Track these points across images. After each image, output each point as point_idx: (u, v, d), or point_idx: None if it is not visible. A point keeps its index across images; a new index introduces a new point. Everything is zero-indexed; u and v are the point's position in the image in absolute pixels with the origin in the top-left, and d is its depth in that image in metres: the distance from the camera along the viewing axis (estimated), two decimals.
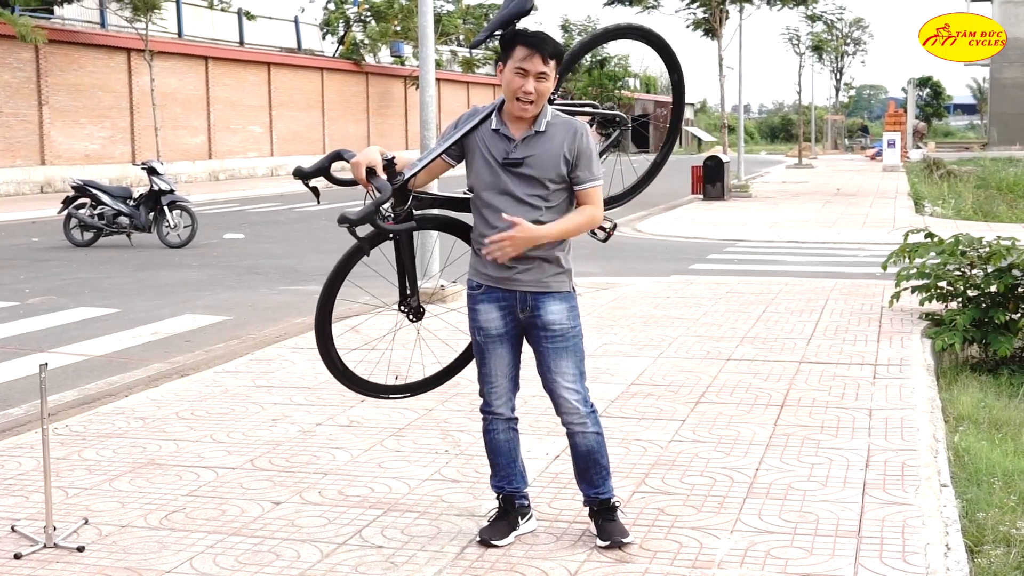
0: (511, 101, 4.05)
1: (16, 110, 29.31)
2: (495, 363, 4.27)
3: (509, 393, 4.33)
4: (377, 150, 4.10)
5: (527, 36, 4.04)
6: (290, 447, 5.70)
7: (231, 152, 37.99)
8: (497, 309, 4.20)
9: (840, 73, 75.86)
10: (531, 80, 4.00)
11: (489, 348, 4.26)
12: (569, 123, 4.13)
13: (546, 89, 4.04)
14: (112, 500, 4.90)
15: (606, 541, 4.24)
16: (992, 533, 4.55)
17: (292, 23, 44.55)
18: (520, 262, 4.10)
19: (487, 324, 4.23)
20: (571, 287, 4.23)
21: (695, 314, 9.54)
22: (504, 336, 4.24)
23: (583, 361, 4.26)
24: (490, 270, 4.18)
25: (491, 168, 4.11)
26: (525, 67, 3.99)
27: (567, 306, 4.18)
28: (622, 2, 31.26)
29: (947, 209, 22.37)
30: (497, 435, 4.36)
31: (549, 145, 4.07)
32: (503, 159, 4.09)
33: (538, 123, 4.09)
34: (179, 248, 16.39)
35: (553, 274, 4.15)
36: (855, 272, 13.08)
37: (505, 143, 4.10)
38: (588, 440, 4.27)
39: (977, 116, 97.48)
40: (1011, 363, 7.99)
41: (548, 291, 4.15)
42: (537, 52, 3.99)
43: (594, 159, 4.14)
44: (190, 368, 7.78)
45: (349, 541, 4.36)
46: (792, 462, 5.30)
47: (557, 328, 4.16)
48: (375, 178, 4.02)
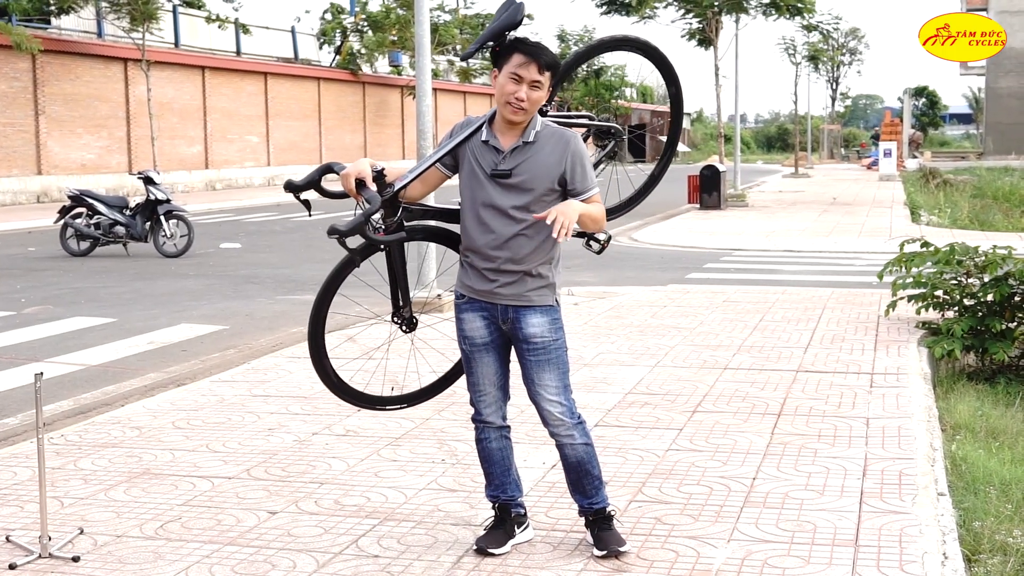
0: (502, 106, 4.04)
1: (12, 120, 29.31)
2: (481, 372, 4.27)
3: (499, 402, 4.32)
4: (367, 162, 4.11)
5: (525, 44, 4.05)
6: (286, 456, 5.68)
7: (228, 162, 38.00)
8: (480, 319, 4.21)
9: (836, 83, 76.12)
10: (524, 87, 4.00)
11: (475, 357, 4.26)
12: (560, 133, 4.12)
13: (538, 99, 4.04)
14: (107, 510, 4.89)
15: (602, 551, 4.24)
16: (989, 542, 4.54)
17: (289, 33, 44.61)
18: (502, 276, 4.10)
19: (472, 333, 4.23)
20: (554, 300, 4.20)
21: (692, 323, 9.54)
22: (489, 345, 4.23)
23: (567, 373, 4.24)
24: (473, 283, 4.19)
25: (479, 180, 4.11)
26: (520, 73, 4.00)
27: (548, 319, 4.16)
28: (618, 12, 31.30)
29: (943, 218, 22.41)
30: (489, 443, 4.35)
31: (539, 156, 4.06)
32: (491, 171, 4.08)
33: (527, 134, 4.08)
34: (175, 258, 16.38)
35: (535, 288, 4.14)
36: (852, 281, 13.10)
37: (494, 154, 4.10)
38: (577, 451, 4.26)
39: (973, 126, 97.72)
40: (1008, 372, 8.00)
41: (529, 304, 4.14)
42: (534, 60, 4.00)
43: (588, 167, 4.13)
44: (186, 378, 7.76)
45: (345, 551, 4.35)
46: (789, 471, 5.29)
47: (538, 341, 4.15)
48: (364, 189, 4.03)
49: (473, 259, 4.16)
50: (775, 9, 31.17)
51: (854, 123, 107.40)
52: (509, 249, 4.08)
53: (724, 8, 31.18)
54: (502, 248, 4.08)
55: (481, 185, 4.10)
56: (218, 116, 37.40)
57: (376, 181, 4.09)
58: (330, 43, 47.74)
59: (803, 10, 31.89)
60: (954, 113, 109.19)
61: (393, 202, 4.17)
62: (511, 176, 4.05)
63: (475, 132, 4.16)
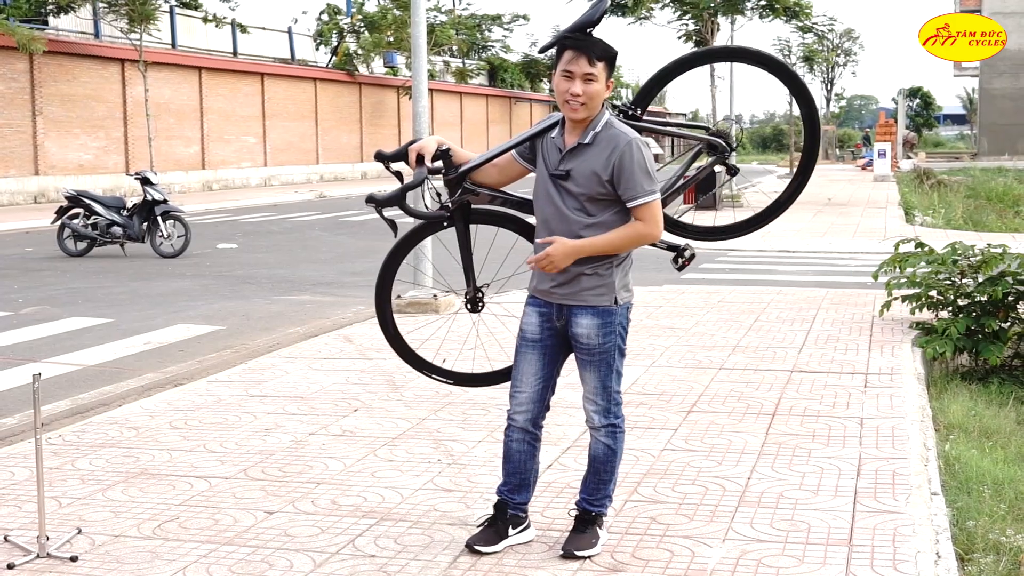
0: (562, 105, 4.06)
1: (10, 120, 29.29)
2: (524, 367, 4.30)
3: (531, 404, 4.31)
4: (435, 140, 4.24)
5: (573, 39, 4.03)
6: (283, 456, 5.70)
7: (225, 162, 37.98)
8: (537, 315, 4.26)
9: (831, 84, 76.17)
10: (578, 82, 3.98)
11: (522, 351, 4.31)
12: (615, 136, 4.05)
13: (596, 91, 4.00)
14: (105, 510, 4.91)
15: (563, 549, 4.25)
16: (982, 541, 4.57)
17: (286, 34, 44.60)
18: (560, 274, 4.13)
19: (526, 327, 4.29)
20: (612, 301, 4.15)
21: (687, 323, 9.57)
22: (537, 343, 4.26)
23: (610, 376, 4.22)
24: (534, 281, 4.26)
25: (544, 177, 4.16)
26: (571, 69, 3.99)
27: (599, 322, 4.14)
28: (614, 13, 31.32)
29: (937, 219, 22.45)
30: (511, 442, 4.37)
31: (590, 160, 4.04)
32: (552, 170, 4.12)
33: (584, 134, 4.07)
34: (172, 258, 16.39)
35: (590, 287, 4.13)
36: (846, 281, 13.13)
37: (557, 153, 4.12)
38: (598, 447, 4.30)
39: (967, 126, 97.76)
40: (1001, 372, 8.03)
41: (583, 304, 4.15)
42: (583, 53, 3.98)
43: (640, 174, 4.01)
44: (183, 378, 7.78)
45: (342, 550, 4.38)
46: (784, 471, 5.32)
47: (584, 343, 4.18)
48: (421, 165, 4.21)
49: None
50: (771, 11, 31.22)
51: (849, 124, 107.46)
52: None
53: (720, 10, 31.23)
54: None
55: (545, 183, 4.15)
56: (215, 117, 37.38)
57: (442, 159, 4.24)
58: (327, 44, 47.75)
59: (799, 13, 31.94)
60: (948, 114, 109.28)
61: (458, 183, 4.31)
62: (568, 177, 4.08)
63: (550, 128, 4.20)
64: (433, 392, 6.99)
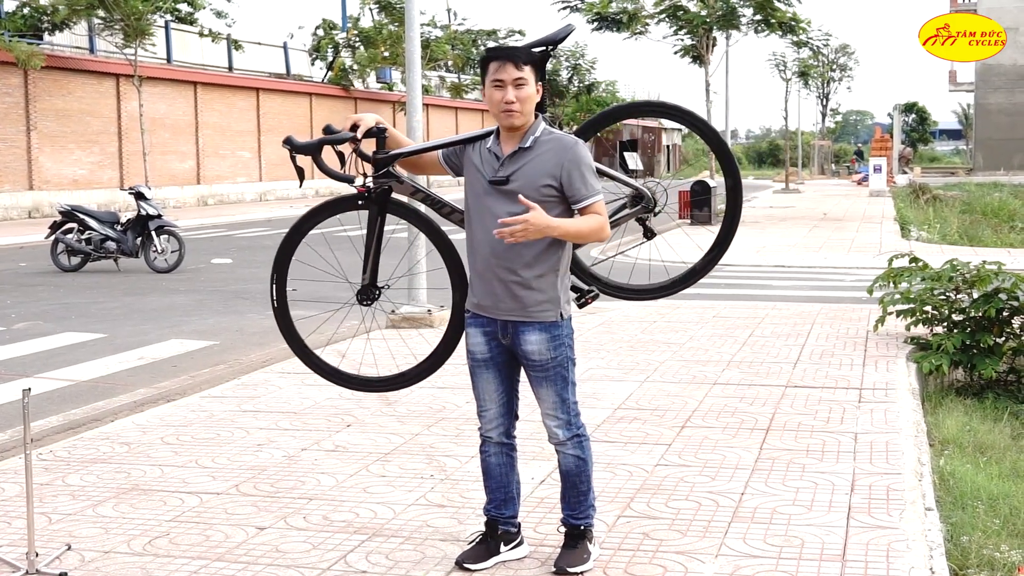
0: (497, 116, 4.06)
1: (4, 135, 29.29)
2: (483, 386, 4.28)
3: (500, 418, 4.30)
4: (375, 117, 4.28)
5: (495, 49, 4.07)
6: (275, 472, 5.68)
7: (220, 177, 38.00)
8: (482, 334, 4.21)
9: (826, 99, 76.33)
10: (510, 89, 4.00)
11: (476, 372, 4.28)
12: (560, 139, 4.09)
13: (528, 95, 4.02)
14: (95, 526, 4.88)
15: (555, 567, 4.24)
16: (976, 557, 4.56)
17: (281, 49, 44.69)
18: (499, 286, 4.09)
19: (473, 348, 4.25)
20: (558, 316, 4.14)
21: (682, 338, 9.56)
22: (489, 362, 4.24)
23: (567, 388, 4.21)
24: (476, 297, 4.20)
25: (480, 186, 4.13)
26: (501, 77, 4.01)
27: (548, 336, 4.12)
28: (610, 28, 31.40)
29: (933, 234, 22.48)
30: (488, 457, 4.36)
31: (535, 162, 4.05)
32: (490, 178, 4.10)
33: (524, 139, 4.08)
34: (166, 273, 16.37)
35: (536, 303, 4.11)
36: (841, 296, 13.13)
37: (494, 161, 4.11)
38: (568, 461, 4.28)
39: (963, 141, 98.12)
40: (996, 387, 8.03)
41: (529, 320, 4.12)
42: (508, 60, 4.01)
43: (589, 175, 4.06)
44: (176, 393, 7.75)
45: (334, 566, 4.35)
46: (777, 486, 5.30)
47: (536, 359, 4.15)
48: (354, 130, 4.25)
49: (474, 269, 4.17)
50: (766, 26, 31.31)
51: (845, 139, 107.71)
52: (507, 258, 4.05)
53: (716, 25, 31.32)
54: (500, 256, 4.06)
55: (481, 192, 4.12)
56: (210, 131, 37.41)
57: (377, 139, 4.28)
58: (322, 59, 47.83)
59: (795, 28, 32.04)
60: (944, 129, 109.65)
61: (385, 164, 4.33)
62: (508, 183, 4.05)
63: (482, 138, 4.20)
64: (426, 407, 6.98)
